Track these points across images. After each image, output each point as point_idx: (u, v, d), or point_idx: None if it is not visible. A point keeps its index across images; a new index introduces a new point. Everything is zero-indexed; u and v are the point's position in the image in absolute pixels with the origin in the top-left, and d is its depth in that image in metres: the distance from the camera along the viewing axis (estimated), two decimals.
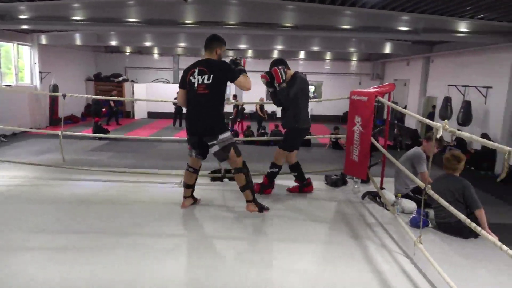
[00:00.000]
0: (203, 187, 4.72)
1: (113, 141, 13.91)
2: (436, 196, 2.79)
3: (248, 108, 19.74)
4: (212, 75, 3.48)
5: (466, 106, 11.88)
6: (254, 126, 16.87)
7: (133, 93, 20.48)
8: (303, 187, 4.55)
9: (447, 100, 12.93)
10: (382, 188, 4.40)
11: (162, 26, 11.21)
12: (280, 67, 4.19)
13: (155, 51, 21.92)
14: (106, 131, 14.82)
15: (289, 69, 4.32)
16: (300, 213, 3.96)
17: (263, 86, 4.50)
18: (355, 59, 21.87)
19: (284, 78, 4.15)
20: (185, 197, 3.96)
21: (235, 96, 18.57)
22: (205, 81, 3.49)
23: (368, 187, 4.78)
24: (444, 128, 2.57)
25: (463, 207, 3.32)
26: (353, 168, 4.51)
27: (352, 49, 16.35)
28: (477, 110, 11.87)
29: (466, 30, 10.08)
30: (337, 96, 16.07)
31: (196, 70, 3.56)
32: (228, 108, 18.33)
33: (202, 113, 3.54)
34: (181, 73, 18.07)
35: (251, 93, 22.64)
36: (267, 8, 9.93)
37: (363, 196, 4.38)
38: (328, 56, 21.65)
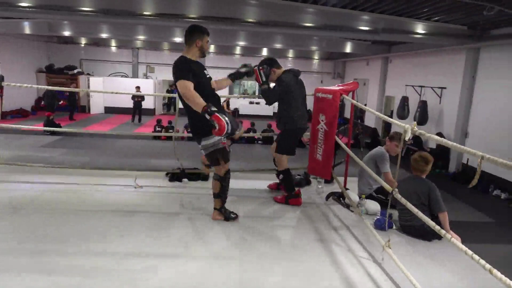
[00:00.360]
0: (159, 189, 4.44)
1: (66, 136, 13.14)
2: (403, 201, 2.71)
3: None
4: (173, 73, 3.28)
5: (423, 106, 12.29)
6: None
7: (88, 87, 19.50)
8: (291, 197, 4.09)
9: (405, 100, 13.33)
10: (346, 189, 4.33)
11: (119, 16, 10.62)
12: (261, 67, 3.93)
13: (113, 43, 21.00)
14: (58, 126, 13.97)
15: (278, 68, 4.09)
16: (264, 216, 3.78)
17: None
18: (317, 57, 22.14)
19: (264, 79, 3.90)
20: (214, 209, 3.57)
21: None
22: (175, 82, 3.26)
23: (332, 187, 4.71)
24: (412, 130, 2.49)
25: (426, 209, 3.29)
26: (317, 167, 4.40)
27: (314, 47, 16.47)
28: (432, 109, 12.32)
29: (423, 32, 10.39)
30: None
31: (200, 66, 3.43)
32: None
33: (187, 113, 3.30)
34: (140, 67, 17.67)
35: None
36: (229, 2, 9.69)
37: (327, 197, 4.29)
38: (290, 54, 21.75)
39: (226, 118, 2.86)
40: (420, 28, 10.27)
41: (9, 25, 14.53)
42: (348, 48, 15.96)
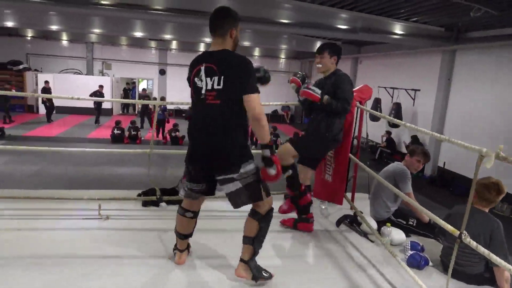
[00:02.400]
0: (131, 220, 3.54)
1: (10, 141, 11.58)
2: (474, 244, 2.05)
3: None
4: (222, 77, 2.26)
5: (397, 108, 12.09)
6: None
7: (36, 84, 17.67)
8: (300, 221, 3.40)
9: (377, 102, 13.08)
10: (357, 213, 3.68)
11: (72, 5, 9.33)
12: (306, 85, 3.20)
13: (64, 36, 19.17)
14: (1, 130, 12.34)
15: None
16: (271, 248, 3.00)
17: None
18: (283, 56, 21.63)
19: (320, 96, 3.12)
20: (180, 251, 2.68)
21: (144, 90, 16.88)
22: (215, 86, 2.28)
23: (337, 208, 4.03)
24: (498, 157, 1.82)
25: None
26: (325, 191, 3.71)
27: (284, 46, 15.87)
28: (406, 112, 12.14)
29: (401, 32, 10.09)
30: (269, 93, 15.54)
31: (203, 68, 2.31)
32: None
33: (212, 133, 2.32)
34: (96, 64, 16.07)
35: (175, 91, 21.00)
36: None
37: (339, 222, 3.61)
38: (256, 52, 21.07)
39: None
40: (398, 29, 9.96)
41: None
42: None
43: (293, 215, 3.52)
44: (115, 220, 3.43)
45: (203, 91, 2.32)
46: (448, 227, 2.20)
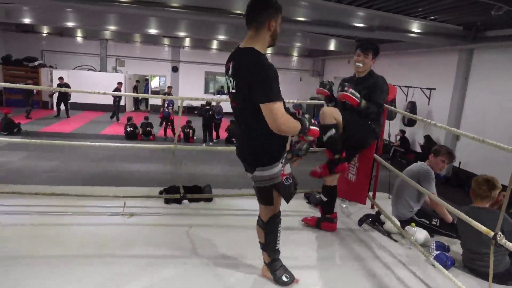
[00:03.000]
0: (155, 218, 3.57)
1: (27, 137, 11.75)
2: (508, 244, 2.03)
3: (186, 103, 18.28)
4: (235, 81, 2.14)
5: (412, 107, 11.96)
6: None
7: (51, 81, 17.87)
8: (324, 220, 3.40)
9: (392, 101, 12.92)
10: (379, 212, 3.67)
11: (87, 2, 9.41)
12: (346, 88, 3.12)
13: (79, 33, 19.37)
14: (17, 126, 12.54)
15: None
16: (295, 248, 3.00)
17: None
18: (296, 54, 21.54)
19: (359, 100, 3.07)
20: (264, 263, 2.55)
21: (170, 88, 16.92)
22: (231, 89, 2.20)
23: (358, 207, 4.03)
24: None
25: (505, 250, 2.62)
26: (349, 190, 3.71)
27: (297, 44, 15.81)
28: (420, 111, 12.01)
29: (418, 31, 9.97)
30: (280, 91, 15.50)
31: (231, 66, 2.17)
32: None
33: (239, 132, 2.36)
34: (109, 61, 16.10)
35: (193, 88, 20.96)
36: None
37: (361, 222, 3.60)
38: (268, 50, 20.99)
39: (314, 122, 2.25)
40: (415, 27, 9.84)
41: None
42: (332, 46, 15.43)
43: (317, 214, 3.52)
44: (140, 217, 3.47)
45: (230, 91, 2.24)
46: (483, 228, 2.18)
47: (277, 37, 2.21)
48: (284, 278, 2.45)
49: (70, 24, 14.28)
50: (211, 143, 13.44)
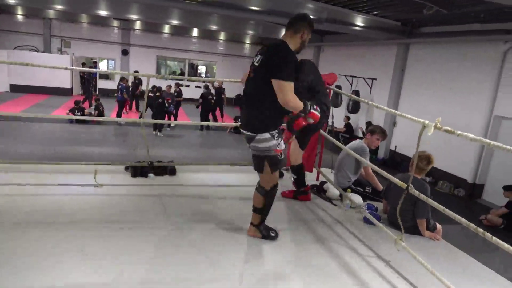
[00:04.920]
0: (124, 188, 3.89)
1: None
2: (416, 193, 2.67)
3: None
4: (261, 58, 2.68)
5: (356, 95, 12.91)
6: None
7: None
8: (300, 194, 3.90)
9: (338, 89, 13.86)
10: (322, 182, 4.27)
11: None
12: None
13: (19, 10, 18.22)
14: None
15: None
16: (243, 215, 3.45)
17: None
18: (248, 42, 21.93)
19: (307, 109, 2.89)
20: (251, 224, 3.00)
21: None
22: (255, 63, 2.72)
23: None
24: (436, 127, 2.42)
25: (412, 209, 3.30)
26: None
27: (250, 31, 16.19)
28: (363, 99, 13.00)
29: (362, 25, 10.81)
30: (232, 77, 15.89)
31: (260, 49, 2.83)
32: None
33: (245, 102, 2.85)
34: (54, 41, 15.57)
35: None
36: None
37: None
38: (222, 36, 21.22)
39: (316, 108, 2.76)
40: (359, 21, 10.65)
41: None
42: (283, 35, 15.97)
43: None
44: (109, 187, 3.77)
45: (252, 65, 2.79)
46: (398, 182, 2.81)
47: (305, 47, 2.85)
48: (272, 234, 2.96)
49: (11, 1, 13.48)
50: (168, 129, 12.95)
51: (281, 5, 9.98)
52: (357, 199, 3.91)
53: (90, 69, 13.33)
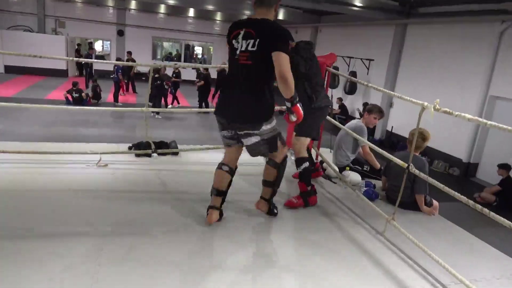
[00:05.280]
0: (126, 166, 3.99)
1: None
2: (416, 172, 2.79)
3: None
4: (258, 40, 2.53)
5: (353, 76, 12.94)
6: None
7: None
8: (309, 196, 3.38)
9: (335, 70, 13.86)
10: (321, 162, 4.39)
11: None
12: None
13: None
14: None
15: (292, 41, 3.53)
16: (245, 192, 3.57)
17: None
18: None
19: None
20: (212, 208, 2.83)
21: (129, 53, 16.30)
22: (249, 48, 2.55)
23: None
24: (435, 108, 2.52)
25: (411, 186, 3.43)
26: None
27: (247, 12, 16.03)
28: (360, 79, 13.05)
29: (360, 5, 10.76)
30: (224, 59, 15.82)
31: (242, 32, 2.59)
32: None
33: (240, 92, 2.66)
34: (48, 21, 15.47)
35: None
36: None
37: None
38: (218, 17, 20.97)
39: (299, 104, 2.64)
40: (358, 1, 10.61)
41: None
42: (280, 15, 15.86)
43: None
44: (113, 165, 3.88)
45: (237, 52, 2.60)
46: (399, 161, 2.93)
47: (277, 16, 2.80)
48: (275, 210, 3.09)
49: None
50: (170, 107, 12.98)
51: None
52: (356, 177, 4.05)
53: (89, 60, 12.94)
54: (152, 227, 2.74)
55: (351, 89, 13.26)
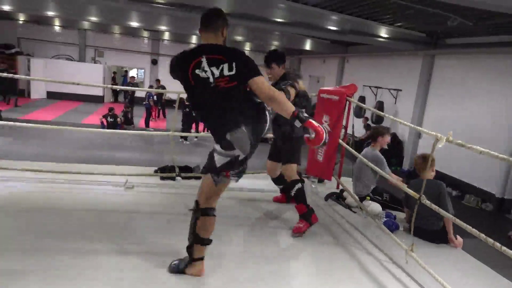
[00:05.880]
0: (153, 189, 4.15)
1: (7, 123, 11.85)
2: (428, 203, 2.78)
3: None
4: (234, 63, 2.37)
5: (379, 106, 12.89)
6: None
7: (29, 69, 17.79)
8: (311, 214, 3.40)
9: (362, 100, 13.88)
10: (342, 190, 4.39)
11: None
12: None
13: (57, 22, 19.26)
14: None
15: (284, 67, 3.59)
16: (266, 219, 3.66)
17: None
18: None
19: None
20: (197, 260, 2.53)
21: (158, 81, 17.13)
22: (227, 73, 2.37)
23: (325, 187, 4.75)
24: (448, 140, 2.54)
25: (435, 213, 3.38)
26: (317, 168, 4.41)
27: (275, 43, 16.49)
28: (388, 110, 12.96)
29: (386, 36, 10.86)
30: None
31: (204, 60, 2.39)
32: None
33: (228, 113, 2.39)
34: (88, 51, 16.16)
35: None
36: None
37: (327, 198, 4.31)
38: (247, 47, 21.63)
39: (322, 125, 2.36)
40: (383, 32, 10.72)
41: None
42: (308, 46, 16.21)
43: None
44: (139, 188, 4.05)
45: (211, 80, 2.37)
46: (411, 192, 2.93)
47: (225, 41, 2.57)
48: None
49: (50, 13, 14.28)
50: (195, 139, 13.02)
51: (304, 17, 10.20)
52: (376, 207, 4.02)
53: (122, 87, 13.61)
54: (172, 246, 2.84)
55: (378, 118, 13.18)
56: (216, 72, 2.37)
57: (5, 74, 5.08)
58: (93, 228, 3.04)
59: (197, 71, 2.39)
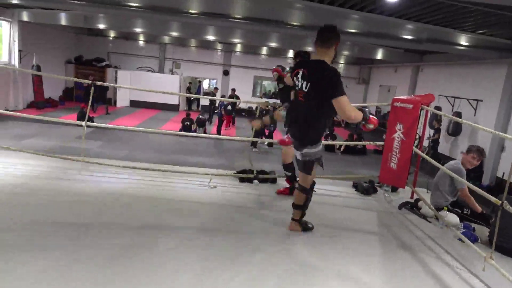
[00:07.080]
0: (233, 189, 4.51)
1: (97, 129, 13.29)
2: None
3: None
4: (309, 84, 2.95)
5: (457, 117, 12.22)
6: None
7: (116, 80, 19.71)
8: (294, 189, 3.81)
9: (438, 110, 13.24)
10: (417, 200, 4.37)
11: (161, 13, 10.70)
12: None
13: (141, 37, 21.17)
14: (91, 119, 14.15)
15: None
16: (341, 224, 3.79)
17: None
18: (342, 62, 22.08)
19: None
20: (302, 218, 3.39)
21: (233, 90, 17.93)
22: (304, 89, 2.99)
23: (398, 196, 4.75)
24: None
25: None
26: (390, 176, 4.45)
27: (346, 52, 16.43)
28: (463, 120, 12.24)
29: (466, 44, 10.34)
30: None
31: (301, 72, 3.01)
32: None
33: (298, 122, 3.16)
34: (167, 63, 17.56)
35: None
36: (273, 4, 9.75)
37: (400, 206, 4.32)
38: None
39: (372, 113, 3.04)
40: (464, 40, 10.23)
41: (46, 15, 14.72)
42: (379, 55, 15.91)
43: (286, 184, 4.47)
44: (221, 187, 4.45)
45: (297, 89, 3.07)
46: (492, 198, 2.90)
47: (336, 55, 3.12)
48: (309, 225, 3.42)
49: (138, 29, 15.77)
50: (266, 147, 13.40)
51: (378, 27, 10.11)
52: (453, 218, 3.95)
53: (215, 98, 14.60)
54: (254, 239, 3.13)
55: (455, 129, 12.51)
56: (303, 85, 3.00)
57: (106, 84, 5.94)
58: (182, 218, 3.45)
59: (295, 79, 3.12)
